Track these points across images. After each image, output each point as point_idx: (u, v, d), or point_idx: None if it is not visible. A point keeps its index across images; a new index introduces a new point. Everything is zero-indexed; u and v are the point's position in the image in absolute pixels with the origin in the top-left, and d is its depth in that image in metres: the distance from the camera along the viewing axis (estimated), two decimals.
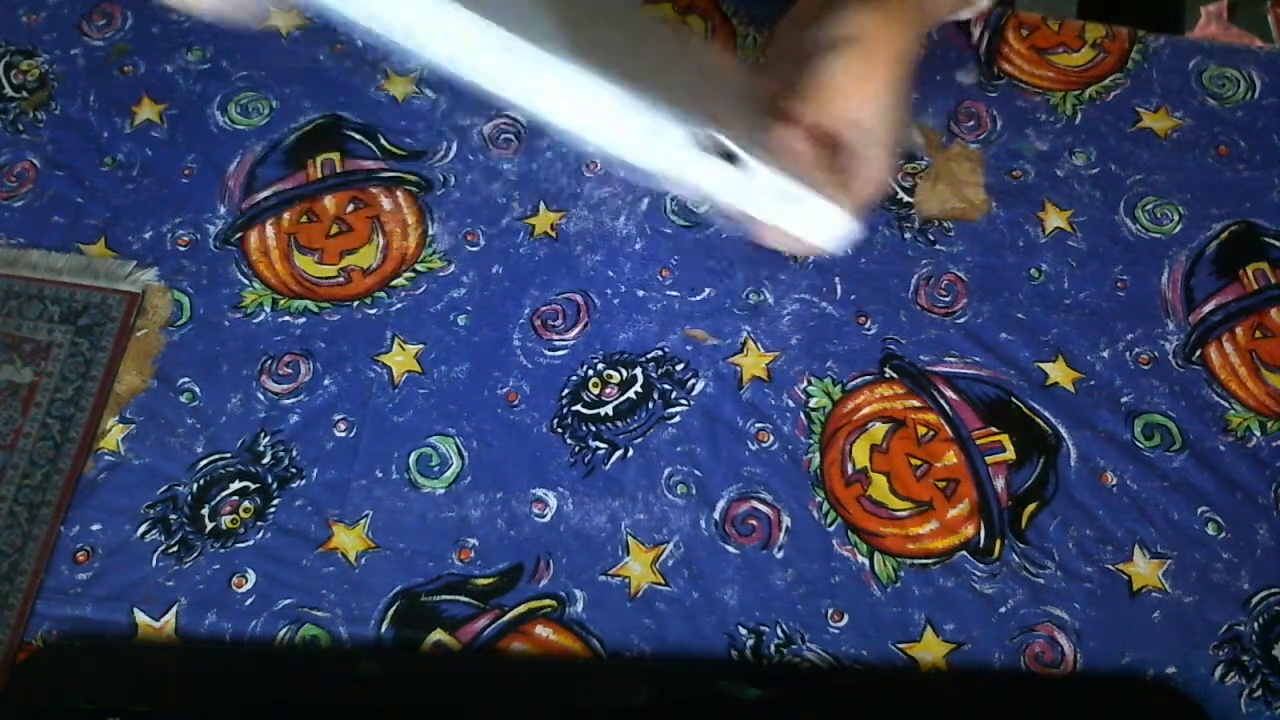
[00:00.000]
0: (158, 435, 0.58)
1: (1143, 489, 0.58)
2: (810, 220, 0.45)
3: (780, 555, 0.56)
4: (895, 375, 0.61)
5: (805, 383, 0.60)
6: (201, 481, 0.57)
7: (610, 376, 0.60)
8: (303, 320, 0.62)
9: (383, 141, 0.67)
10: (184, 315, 0.62)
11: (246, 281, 0.63)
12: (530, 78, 0.40)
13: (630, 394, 0.60)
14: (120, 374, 0.60)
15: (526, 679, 0.53)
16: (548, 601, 0.55)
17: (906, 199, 0.65)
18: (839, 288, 0.63)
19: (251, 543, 0.56)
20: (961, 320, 0.62)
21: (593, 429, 0.59)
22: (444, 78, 0.68)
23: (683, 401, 0.60)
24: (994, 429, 0.59)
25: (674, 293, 0.63)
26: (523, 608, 0.55)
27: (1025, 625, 0.55)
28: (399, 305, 0.62)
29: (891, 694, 0.54)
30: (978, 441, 0.59)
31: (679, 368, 0.61)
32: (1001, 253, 0.64)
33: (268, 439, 0.59)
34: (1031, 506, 0.57)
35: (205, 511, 0.57)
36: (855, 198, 0.46)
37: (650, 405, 0.60)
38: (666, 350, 0.61)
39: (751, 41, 0.70)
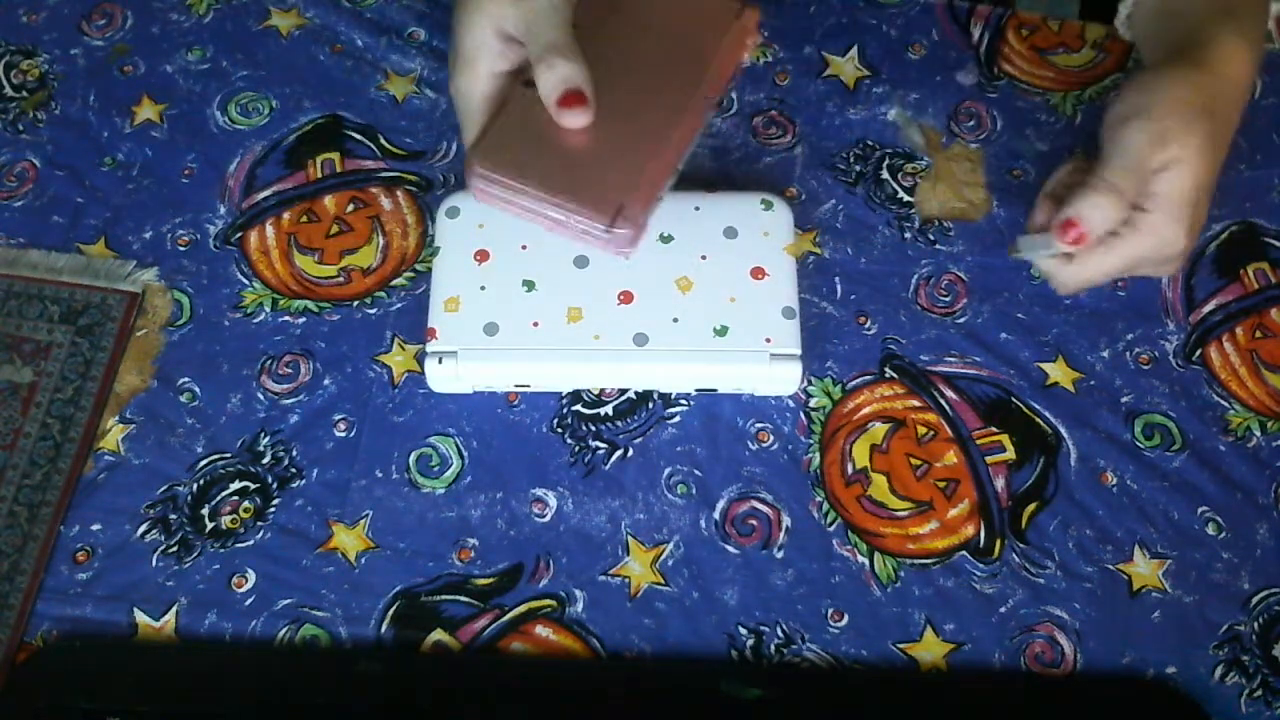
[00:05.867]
0: (158, 435, 0.59)
1: (1143, 489, 0.58)
2: None
3: (780, 555, 0.56)
4: (895, 375, 0.61)
5: (805, 382, 0.60)
6: (201, 481, 0.57)
7: None
8: (303, 320, 0.62)
9: (383, 141, 0.67)
10: (184, 315, 0.62)
11: (246, 281, 0.63)
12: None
13: (630, 393, 0.60)
14: (120, 374, 0.60)
15: (526, 679, 0.53)
16: (548, 601, 0.55)
17: (906, 199, 0.65)
18: (839, 288, 0.63)
19: (251, 543, 0.56)
20: (961, 320, 0.62)
21: (593, 429, 0.59)
22: (443, 78, 0.69)
23: (683, 401, 0.60)
24: (994, 429, 0.59)
25: None
26: (523, 608, 0.55)
27: (1025, 625, 0.55)
28: (399, 305, 0.62)
29: (891, 694, 0.54)
30: (978, 441, 0.59)
31: None
32: (1002, 252, 0.64)
33: (268, 439, 0.59)
34: (1031, 506, 0.57)
35: (205, 511, 0.57)
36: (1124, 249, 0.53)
37: (650, 405, 0.60)
38: None
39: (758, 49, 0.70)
